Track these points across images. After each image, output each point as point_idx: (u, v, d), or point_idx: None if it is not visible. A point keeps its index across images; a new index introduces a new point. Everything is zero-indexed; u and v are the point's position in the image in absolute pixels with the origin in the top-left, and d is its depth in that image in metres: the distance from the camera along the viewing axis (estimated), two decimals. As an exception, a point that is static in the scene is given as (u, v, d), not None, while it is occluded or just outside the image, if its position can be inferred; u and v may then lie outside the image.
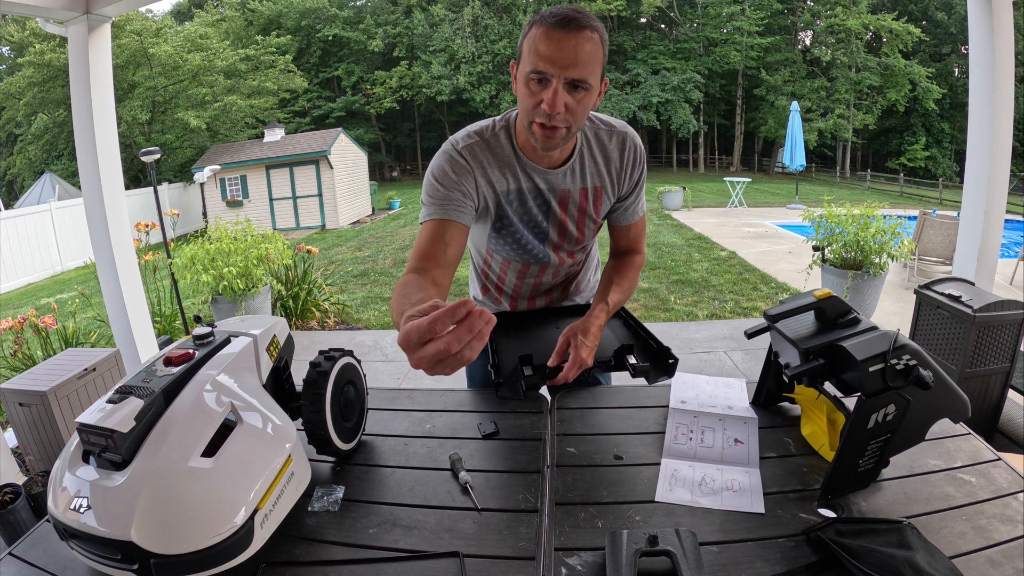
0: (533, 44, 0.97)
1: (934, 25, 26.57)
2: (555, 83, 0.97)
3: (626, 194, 1.24)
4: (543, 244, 1.25)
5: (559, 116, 0.99)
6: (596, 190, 1.20)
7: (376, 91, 28.79)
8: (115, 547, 0.67)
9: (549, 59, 0.95)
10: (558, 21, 0.94)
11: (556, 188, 1.17)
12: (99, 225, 2.90)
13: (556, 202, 1.19)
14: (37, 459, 2.40)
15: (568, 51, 0.95)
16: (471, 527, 0.85)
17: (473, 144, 1.13)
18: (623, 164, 1.20)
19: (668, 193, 13.23)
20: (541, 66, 0.96)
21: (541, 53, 0.95)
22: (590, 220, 1.24)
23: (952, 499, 0.86)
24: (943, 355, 2.52)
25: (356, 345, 4.56)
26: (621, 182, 1.21)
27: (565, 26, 0.94)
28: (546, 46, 0.95)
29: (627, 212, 1.27)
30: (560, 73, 0.96)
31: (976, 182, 2.69)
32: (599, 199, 1.21)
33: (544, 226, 1.22)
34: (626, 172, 1.21)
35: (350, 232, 13.13)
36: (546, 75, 0.96)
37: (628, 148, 1.19)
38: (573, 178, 1.18)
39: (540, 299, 1.41)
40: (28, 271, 10.76)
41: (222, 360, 0.86)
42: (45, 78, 18.75)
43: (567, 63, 0.95)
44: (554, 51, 0.95)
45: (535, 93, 0.99)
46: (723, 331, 4.52)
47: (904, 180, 21.26)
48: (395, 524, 0.86)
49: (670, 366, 1.12)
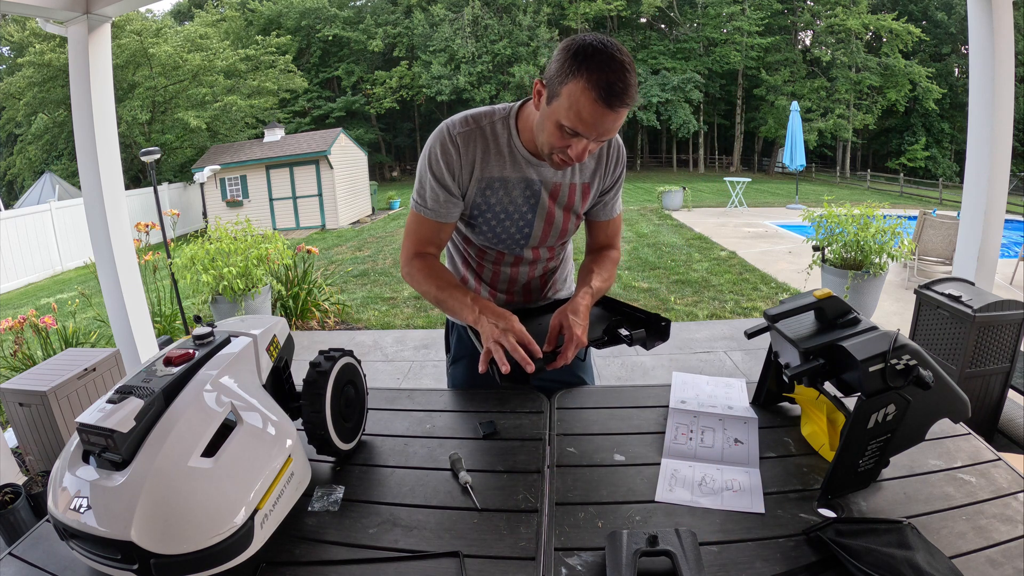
0: (575, 102, 0.97)
1: (934, 25, 26.58)
2: (587, 143, 1.03)
3: (607, 188, 1.29)
4: (522, 235, 1.26)
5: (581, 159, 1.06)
6: (584, 187, 1.25)
7: (376, 91, 28.80)
8: (115, 547, 0.67)
9: (589, 127, 0.99)
10: (607, 96, 0.95)
11: (548, 181, 1.21)
12: (99, 225, 2.90)
13: (547, 194, 1.22)
14: (37, 459, 2.40)
15: (608, 124, 0.99)
16: (471, 527, 0.85)
17: (467, 132, 1.16)
18: (608, 161, 1.25)
19: (668, 193, 13.23)
20: (581, 129, 0.99)
21: (584, 119, 0.98)
22: (574, 215, 1.28)
23: (952, 499, 0.86)
24: (943, 355, 2.52)
25: (356, 345, 4.56)
26: (604, 178, 1.27)
27: (613, 106, 0.96)
28: (590, 115, 0.97)
29: (606, 208, 1.32)
30: (595, 138, 1.01)
31: (976, 182, 2.69)
32: (586, 195, 1.27)
33: (529, 217, 1.24)
34: (609, 168, 1.26)
35: (350, 232, 13.14)
36: (579, 134, 1.01)
37: (613, 146, 1.25)
38: (566, 173, 1.22)
39: (518, 294, 1.39)
40: (28, 271, 10.76)
41: (222, 360, 0.86)
42: (45, 78, 18.75)
43: (602, 131, 1.00)
44: (597, 122, 0.98)
45: (564, 138, 1.03)
46: (723, 331, 4.52)
47: (904, 180, 21.27)
48: (395, 524, 0.86)
49: (663, 328, 1.16)
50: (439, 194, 1.18)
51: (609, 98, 0.94)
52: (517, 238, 1.26)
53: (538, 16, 27.75)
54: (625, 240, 9.01)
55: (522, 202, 1.21)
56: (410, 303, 5.93)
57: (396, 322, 5.29)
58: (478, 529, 0.84)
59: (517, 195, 1.20)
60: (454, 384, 1.48)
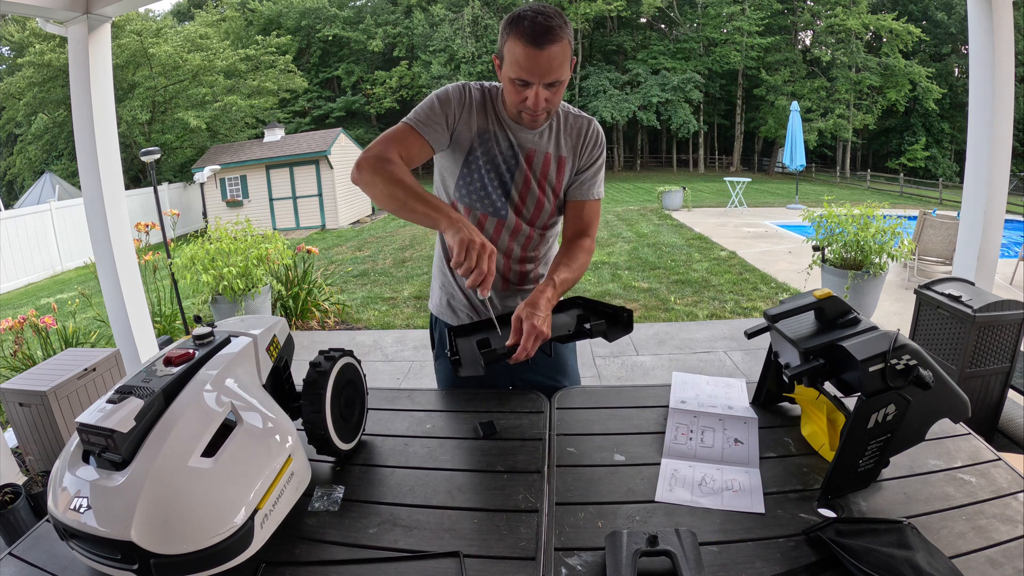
0: (512, 55, 1.13)
1: (934, 25, 26.57)
2: (535, 87, 1.15)
3: (584, 167, 1.35)
4: (505, 196, 1.32)
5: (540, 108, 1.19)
6: (560, 159, 1.33)
7: (376, 91, 28.79)
8: (115, 547, 0.67)
9: (527, 71, 1.13)
10: (532, 39, 1.09)
11: (524, 145, 1.30)
12: (99, 225, 2.90)
13: (523, 158, 1.31)
14: (37, 459, 2.40)
15: (543, 64, 1.12)
16: (471, 527, 0.85)
17: (480, 90, 1.31)
18: (584, 141, 1.34)
19: (668, 193, 13.23)
20: (523, 76, 1.14)
21: (521, 65, 1.13)
22: (551, 190, 1.34)
23: (952, 499, 0.86)
24: (943, 355, 2.52)
25: (356, 345, 4.56)
26: (580, 156, 1.34)
27: (538, 44, 1.10)
28: (524, 60, 1.12)
29: (583, 187, 1.36)
30: (538, 81, 1.14)
31: (976, 182, 2.69)
32: (562, 169, 1.33)
33: (510, 175, 1.31)
34: (586, 148, 1.34)
35: (350, 232, 13.13)
36: (526, 82, 1.15)
37: (591, 129, 1.35)
38: (540, 140, 1.30)
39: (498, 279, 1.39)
40: (28, 271, 10.76)
41: (222, 360, 0.86)
42: (45, 78, 18.75)
43: (543, 73, 1.13)
44: (531, 65, 1.12)
45: (519, 91, 1.18)
46: (723, 331, 4.52)
47: (904, 180, 21.26)
48: (395, 524, 0.86)
49: (626, 319, 1.18)
50: (435, 111, 1.25)
51: (535, 39, 1.09)
52: (499, 193, 1.32)
53: (538, 16, 27.71)
54: (625, 240, 9.01)
55: (509, 156, 1.30)
56: (410, 303, 5.93)
57: (396, 322, 5.29)
58: (478, 529, 0.84)
59: (504, 148, 1.30)
60: (441, 379, 1.51)
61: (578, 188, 1.36)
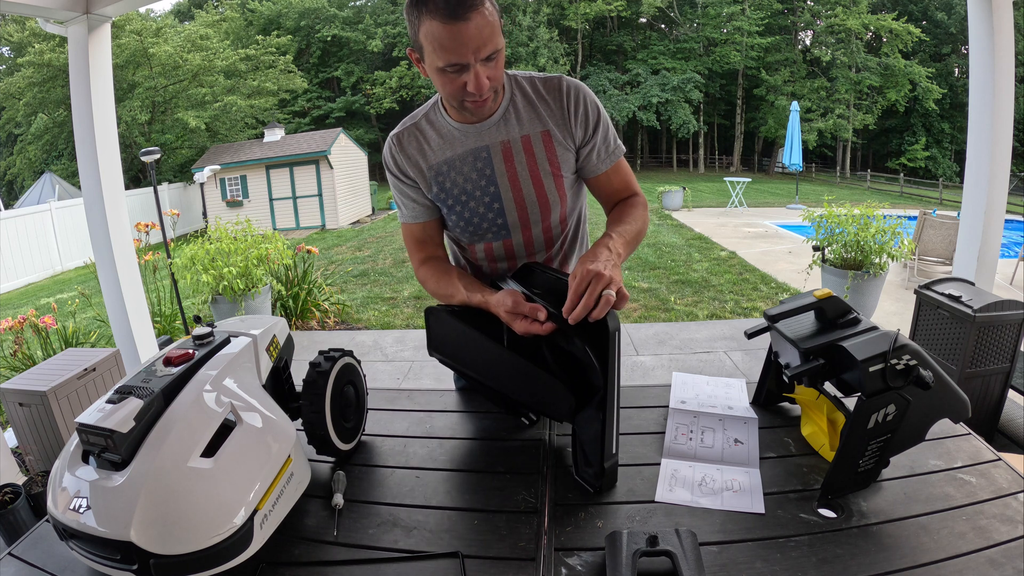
0: (433, 39, 0.94)
1: (934, 25, 26.58)
2: (473, 68, 0.96)
3: (586, 137, 1.15)
4: (494, 212, 1.16)
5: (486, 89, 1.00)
6: (543, 136, 1.13)
7: (376, 91, 28.78)
8: (115, 547, 0.67)
9: (456, 52, 0.94)
10: (450, 12, 0.91)
11: (496, 142, 1.13)
12: (99, 225, 2.89)
13: (500, 157, 1.13)
14: (37, 459, 2.40)
15: (472, 37, 0.93)
16: (471, 527, 0.85)
17: (404, 133, 1.17)
18: (565, 102, 1.13)
19: (668, 193, 13.24)
20: (453, 59, 0.95)
21: (447, 47, 0.94)
22: (545, 172, 1.14)
23: (952, 499, 0.86)
24: (943, 355, 2.52)
25: (356, 345, 4.56)
26: (568, 122, 1.14)
27: (460, 16, 0.91)
28: (448, 39, 0.93)
29: (599, 157, 1.17)
30: (473, 59, 0.95)
31: (976, 182, 2.69)
32: (550, 145, 1.13)
33: (491, 189, 1.15)
34: (569, 110, 1.13)
35: (350, 232, 13.13)
36: (460, 64, 0.96)
37: (565, 87, 1.13)
38: (508, 126, 1.12)
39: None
40: (28, 271, 10.75)
41: (222, 360, 0.86)
42: (45, 78, 18.73)
43: (475, 48, 0.94)
44: (459, 43, 0.93)
45: (455, 80, 0.98)
46: (723, 331, 4.52)
47: (904, 180, 21.25)
48: (395, 524, 0.86)
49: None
50: (407, 198, 1.20)
51: (454, 11, 0.91)
52: (491, 217, 1.16)
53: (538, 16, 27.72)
54: (625, 240, 9.00)
55: (477, 176, 1.14)
56: (410, 303, 5.93)
57: (396, 322, 5.29)
58: (478, 529, 0.84)
59: (468, 170, 1.14)
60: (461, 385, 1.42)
61: (595, 159, 1.16)
